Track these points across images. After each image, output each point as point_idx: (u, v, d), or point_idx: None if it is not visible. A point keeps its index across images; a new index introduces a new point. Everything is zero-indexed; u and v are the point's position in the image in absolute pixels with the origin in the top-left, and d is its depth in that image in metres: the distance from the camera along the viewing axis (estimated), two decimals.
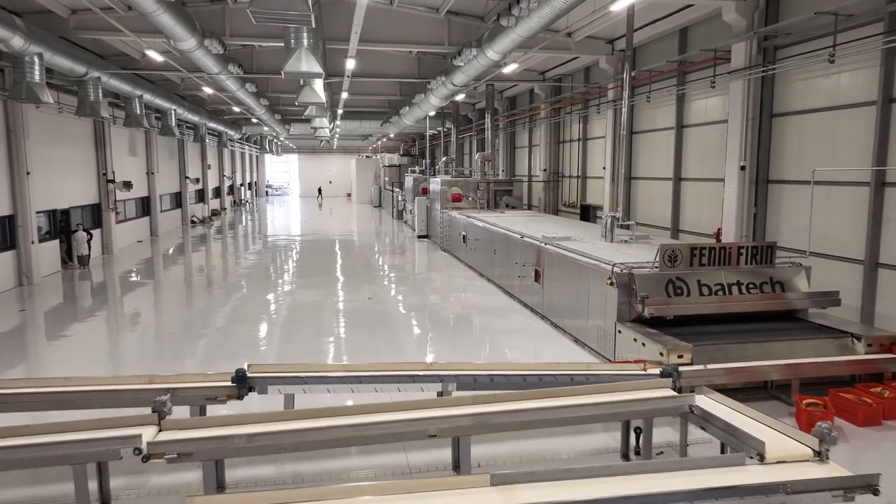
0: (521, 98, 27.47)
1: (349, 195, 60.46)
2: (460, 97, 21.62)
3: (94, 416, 5.18)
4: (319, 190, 60.88)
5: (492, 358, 9.88)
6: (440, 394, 6.64)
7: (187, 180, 31.84)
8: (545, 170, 23.62)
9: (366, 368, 6.76)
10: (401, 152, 50.37)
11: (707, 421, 5.52)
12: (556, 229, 14.52)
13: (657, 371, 7.07)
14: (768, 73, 11.82)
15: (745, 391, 7.78)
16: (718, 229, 13.56)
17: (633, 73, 15.61)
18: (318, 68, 10.21)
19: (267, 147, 48.07)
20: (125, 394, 6.02)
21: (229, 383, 6.19)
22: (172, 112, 23.58)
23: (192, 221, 32.87)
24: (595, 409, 5.50)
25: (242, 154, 52.22)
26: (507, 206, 22.39)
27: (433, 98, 20.10)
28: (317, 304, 13.27)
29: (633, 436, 6.28)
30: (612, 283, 8.95)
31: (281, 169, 75.77)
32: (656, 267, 8.97)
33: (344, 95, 21.59)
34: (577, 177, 21.71)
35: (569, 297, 10.72)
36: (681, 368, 6.85)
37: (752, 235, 12.51)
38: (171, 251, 23.06)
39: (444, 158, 30.47)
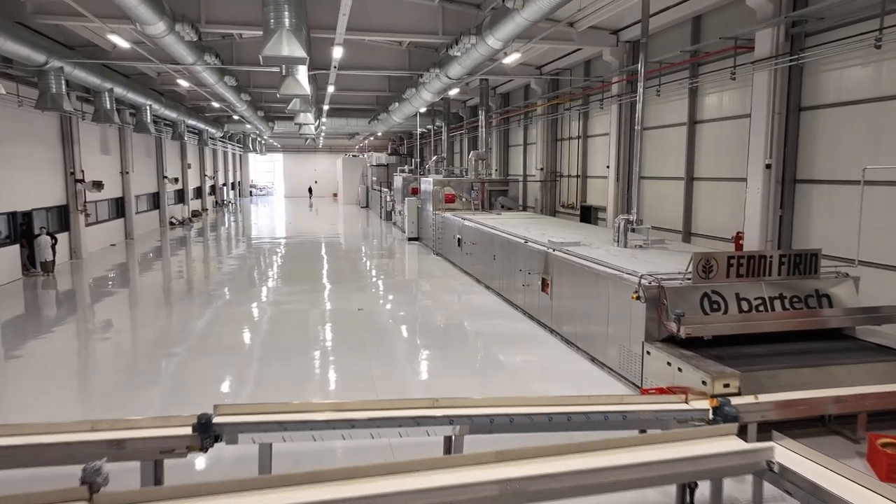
0: (516, 94, 26.38)
1: (335, 195, 59.11)
2: (454, 92, 20.46)
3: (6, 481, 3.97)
4: (310, 190, 59.37)
5: (497, 378, 8.74)
6: (449, 439, 5.50)
7: (165, 180, 30.40)
8: (542, 169, 22.54)
9: (359, 407, 5.59)
10: (388, 151, 49.11)
11: (790, 482, 4.41)
12: (561, 233, 13.43)
13: (703, 404, 6.00)
14: (798, 63, 10.78)
15: (799, 424, 6.70)
16: (738, 234, 12.52)
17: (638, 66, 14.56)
18: (301, 52, 9.00)
19: (250, 146, 46.62)
20: (58, 448, 4.80)
21: (190, 431, 4.99)
22: (147, 108, 22.21)
23: (171, 223, 31.43)
24: (651, 469, 4.37)
25: (225, 153, 50.70)
26: (502, 207, 21.31)
27: (425, 93, 18.93)
28: (301, 317, 12.05)
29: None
30: (638, 297, 7.83)
31: (265, 168, 74.24)
32: (688, 279, 7.88)
33: (330, 89, 20.36)
34: (577, 176, 20.65)
35: (583, 310, 9.61)
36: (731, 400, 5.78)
37: (778, 241, 11.48)
38: (146, 255, 21.68)
39: (434, 157, 29.31)
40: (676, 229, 15.03)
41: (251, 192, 65.85)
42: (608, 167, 17.25)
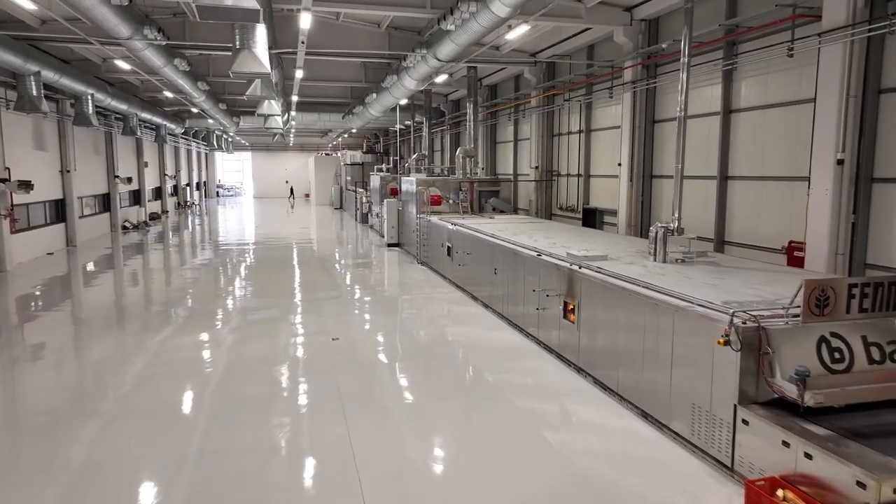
0: (505, 86, 24.13)
1: (307, 196, 56.33)
2: (441, 79, 18.09)
3: None
4: (291, 190, 56.38)
5: (521, 440, 6.42)
6: None
7: (117, 180, 27.49)
8: (536, 167, 20.32)
9: None
10: (364, 149, 46.62)
11: None
12: (574, 242, 11.24)
13: None
14: (880, 32, 8.68)
15: None
16: (792, 244, 10.42)
17: (663, 46, 12.42)
18: (253, 2, 6.62)
19: (214, 143, 43.66)
20: None
21: None
22: (89, 97, 19.41)
23: (125, 227, 28.52)
24: None
25: (189, 151, 47.62)
26: (494, 209, 19.03)
27: (408, 80, 16.55)
28: (264, 354, 9.56)
29: None
30: (726, 342, 5.59)
31: (234, 168, 71.09)
32: (795, 315, 5.67)
33: (298, 75, 17.80)
34: (578, 175, 18.46)
35: (628, 349, 7.35)
36: None
37: (850, 253, 9.38)
38: (87, 266, 18.91)
39: (415, 155, 26.92)
40: (705, 237, 12.90)
41: (218, 192, 62.64)
42: (619, 164, 15.07)
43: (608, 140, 16.82)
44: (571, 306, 8.80)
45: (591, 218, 17.50)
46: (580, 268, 8.71)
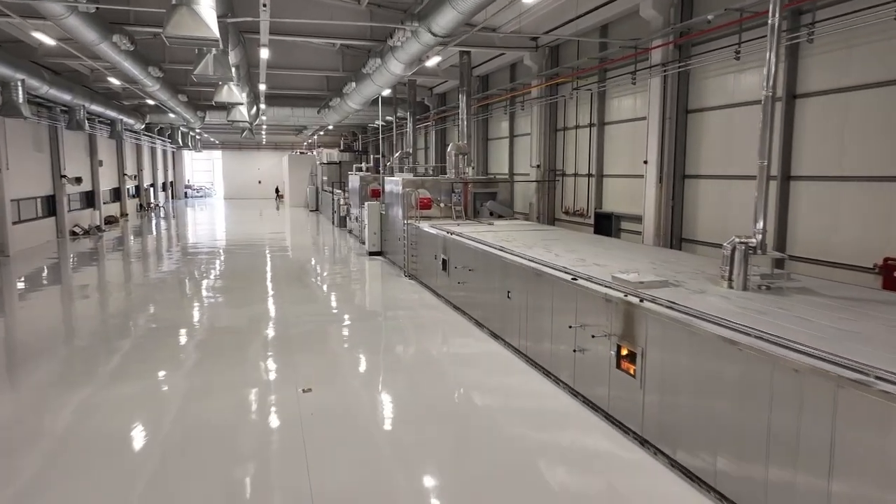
0: (498, 76, 21.80)
1: (281, 197, 53.47)
2: (432, 62, 15.60)
3: None
4: (277, 190, 53.44)
5: None
6: None
7: (64, 180, 24.57)
8: (538, 166, 18.01)
9: None
10: (341, 147, 43.99)
11: None
12: (606, 258, 9.05)
13: None
14: None
15: None
16: (888, 261, 8.22)
17: (709, 18, 10.18)
18: None
19: (180, 141, 40.68)
20: None
21: None
22: (19, 84, 16.63)
23: (74, 233, 25.59)
24: None
25: (153, 149, 44.52)
26: (491, 214, 16.71)
27: (394, 64, 14.11)
28: (218, 424, 7.07)
29: None
30: None
31: (204, 167, 67.88)
32: None
33: (264, 55, 15.15)
34: (589, 175, 16.18)
35: (736, 424, 5.02)
36: None
37: None
38: (17, 281, 16.13)
39: (398, 153, 24.46)
40: None
41: (186, 193, 59.40)
42: (645, 163, 12.80)
43: (626, 134, 14.57)
44: (629, 352, 6.46)
45: (606, 224, 15.23)
46: (641, 300, 6.38)
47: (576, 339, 7.46)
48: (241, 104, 14.23)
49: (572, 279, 7.70)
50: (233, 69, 13.21)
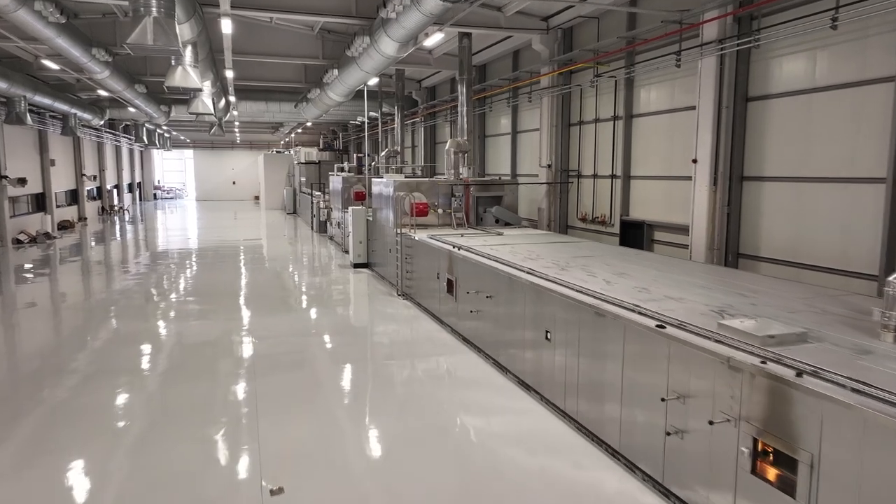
0: (497, 66, 19.50)
1: (257, 198, 50.63)
2: (433, 40, 13.12)
3: None
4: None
5: None
6: None
7: (5, 181, 21.71)
8: (549, 166, 15.71)
9: None
10: (320, 146, 41.38)
11: None
12: (664, 283, 6.95)
13: None
14: None
15: None
16: None
17: None
18: None
19: (146, 139, 37.74)
20: None
21: None
22: None
23: (19, 241, 22.73)
24: None
25: (118, 148, 41.46)
26: (496, 221, 14.40)
27: (386, 42, 11.69)
28: None
29: None
30: None
31: (175, 167, 64.69)
32: None
33: (227, 29, 12.56)
34: (612, 177, 13.91)
35: None
36: None
37: None
38: None
39: (385, 151, 22.04)
40: (848, 270, 8.51)
41: (156, 194, 56.21)
42: (695, 162, 10.55)
43: (661, 128, 12.34)
44: (777, 453, 4.16)
45: (635, 234, 12.99)
46: (798, 374, 4.08)
47: (667, 416, 5.15)
48: (199, 89, 11.75)
49: (658, 326, 5.39)
50: (187, 47, 10.71)
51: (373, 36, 12.08)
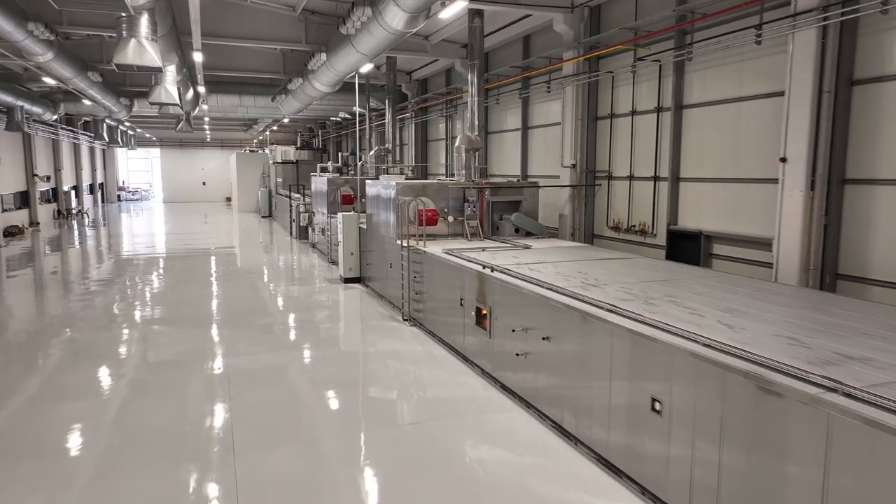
0: (503, 54, 17.35)
1: (229, 200, 47.80)
2: (450, 11, 10.86)
3: None
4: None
5: None
6: None
7: None
8: (573, 166, 13.60)
9: None
10: (298, 145, 38.82)
11: None
12: (784, 323, 4.85)
13: None
14: None
15: None
16: None
17: None
18: None
19: (107, 136, 34.76)
20: None
21: None
22: None
23: None
24: None
25: (76, 146, 38.30)
26: (517, 231, 12.28)
27: (394, 12, 9.45)
28: None
29: None
30: None
31: (141, 167, 61.30)
32: None
33: (195, 12, 10.23)
34: (655, 178, 11.85)
35: None
36: None
37: None
38: None
39: (375, 149, 19.77)
40: None
41: (120, 196, 52.89)
42: (783, 160, 8.50)
43: (723, 121, 10.29)
44: None
45: (687, 247, 10.92)
46: None
47: None
48: (159, 68, 9.41)
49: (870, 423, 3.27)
50: (142, 12, 8.34)
51: (376, 6, 9.81)
